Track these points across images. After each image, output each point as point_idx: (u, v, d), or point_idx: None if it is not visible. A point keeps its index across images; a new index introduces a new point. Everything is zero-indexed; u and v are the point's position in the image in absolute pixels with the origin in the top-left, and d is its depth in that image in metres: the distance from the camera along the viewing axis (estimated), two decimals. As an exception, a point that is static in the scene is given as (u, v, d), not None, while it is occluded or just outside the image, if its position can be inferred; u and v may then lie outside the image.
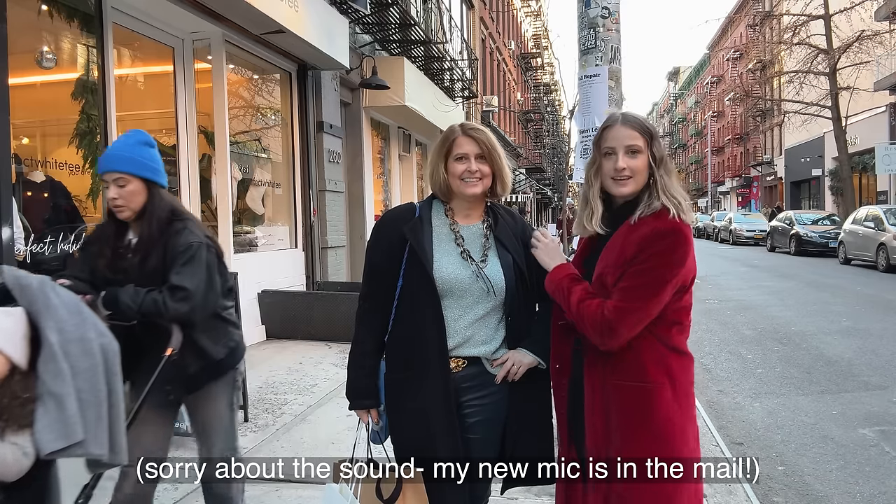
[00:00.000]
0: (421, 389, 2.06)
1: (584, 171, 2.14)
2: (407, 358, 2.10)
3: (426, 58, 12.55)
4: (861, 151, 25.51)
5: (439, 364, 2.06)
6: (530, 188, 35.02)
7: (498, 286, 2.09)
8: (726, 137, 56.84)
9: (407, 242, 2.09)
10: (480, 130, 2.14)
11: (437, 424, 2.05)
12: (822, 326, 8.69)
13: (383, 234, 2.17)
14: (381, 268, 2.14)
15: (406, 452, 2.10)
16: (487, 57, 24.38)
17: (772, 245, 24.15)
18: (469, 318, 2.09)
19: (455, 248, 2.11)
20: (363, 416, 2.20)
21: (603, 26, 3.64)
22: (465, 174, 2.09)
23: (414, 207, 2.18)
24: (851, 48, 22.91)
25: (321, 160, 8.90)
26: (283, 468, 2.49)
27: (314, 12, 7.46)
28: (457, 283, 2.06)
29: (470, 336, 2.09)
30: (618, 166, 1.97)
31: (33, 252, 4.72)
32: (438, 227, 2.14)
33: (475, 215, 2.18)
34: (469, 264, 2.09)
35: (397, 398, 2.13)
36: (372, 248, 2.19)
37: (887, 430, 4.76)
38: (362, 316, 2.19)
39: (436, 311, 2.06)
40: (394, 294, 2.11)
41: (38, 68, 5.20)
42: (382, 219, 2.25)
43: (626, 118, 2.03)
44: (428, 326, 2.06)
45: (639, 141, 1.98)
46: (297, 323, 7.38)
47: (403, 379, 2.10)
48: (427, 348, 2.06)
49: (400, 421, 2.14)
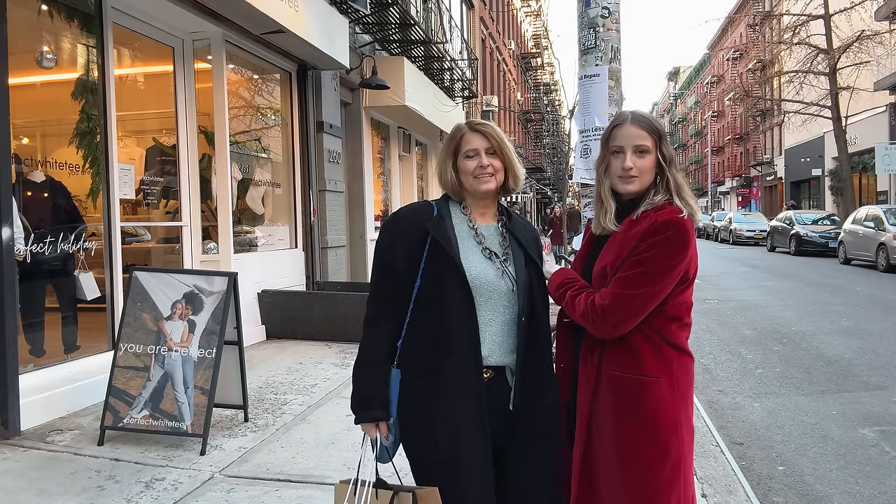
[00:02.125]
0: (454, 394, 1.90)
1: (584, 170, 2.16)
2: (434, 364, 1.92)
3: (426, 58, 12.54)
4: (861, 151, 25.53)
5: (474, 369, 1.91)
6: (530, 188, 35.00)
7: (522, 284, 1.99)
8: (726, 137, 56.84)
9: (427, 241, 1.96)
10: (487, 125, 2.06)
11: (471, 430, 1.90)
12: (822, 326, 8.69)
13: (401, 232, 2.01)
14: (398, 268, 1.98)
15: (431, 461, 1.93)
16: (487, 57, 24.38)
17: (772, 245, 24.17)
18: (499, 323, 1.97)
19: (477, 245, 2.01)
20: (370, 430, 1.98)
21: (603, 26, 3.64)
22: (477, 170, 2.01)
23: (431, 205, 2.06)
24: (851, 48, 22.93)
25: (321, 160, 8.90)
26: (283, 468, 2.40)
27: (314, 12, 7.46)
28: (486, 282, 1.95)
29: (498, 344, 1.97)
30: (625, 165, 1.98)
31: (33, 252, 4.73)
32: (458, 224, 2.03)
33: (490, 214, 2.09)
34: (493, 262, 1.99)
35: (418, 406, 1.94)
36: (386, 247, 2.02)
37: (887, 430, 4.76)
38: (373, 320, 2.02)
39: (469, 311, 1.92)
40: (410, 296, 1.96)
41: (38, 68, 5.20)
42: (398, 216, 2.08)
43: (635, 117, 2.02)
44: (460, 329, 1.91)
45: (647, 141, 1.99)
46: (297, 323, 7.38)
47: (430, 385, 1.92)
48: (457, 354, 1.90)
49: (423, 430, 1.93)
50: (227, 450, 4.03)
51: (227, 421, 4.54)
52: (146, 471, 3.68)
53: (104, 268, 5.41)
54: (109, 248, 5.43)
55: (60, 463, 3.78)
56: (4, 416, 4.10)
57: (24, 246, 4.56)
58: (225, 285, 4.23)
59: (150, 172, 6.45)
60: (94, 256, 5.32)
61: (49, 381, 4.67)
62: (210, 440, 4.04)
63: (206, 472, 3.69)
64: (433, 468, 1.92)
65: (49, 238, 4.89)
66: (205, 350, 4.12)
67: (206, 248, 6.89)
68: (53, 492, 3.40)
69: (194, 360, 4.11)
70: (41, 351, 4.99)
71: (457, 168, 2.05)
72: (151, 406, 4.06)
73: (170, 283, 4.25)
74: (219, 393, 4.19)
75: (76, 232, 5.15)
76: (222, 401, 4.40)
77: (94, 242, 5.34)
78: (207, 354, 4.12)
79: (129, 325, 4.20)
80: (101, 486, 3.48)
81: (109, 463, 3.78)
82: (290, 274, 8.27)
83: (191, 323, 4.17)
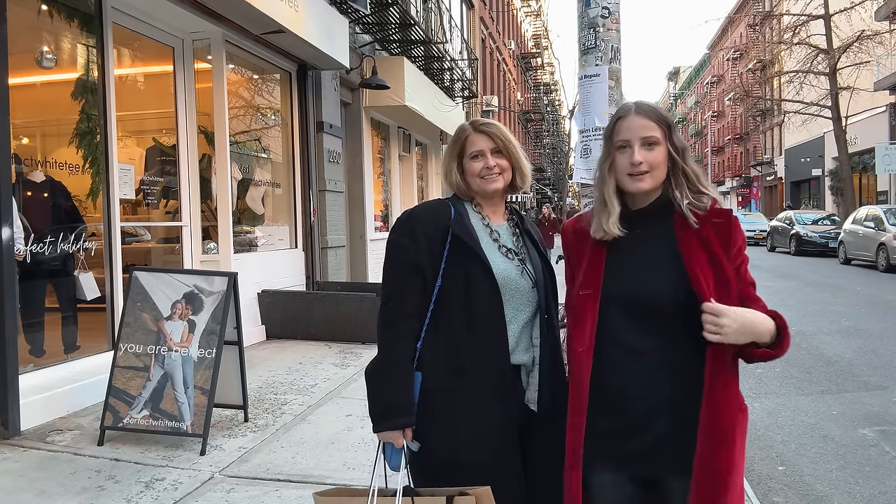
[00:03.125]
0: (483, 395, 1.87)
1: (584, 170, 2.04)
2: (461, 364, 1.88)
3: (426, 58, 12.54)
4: (861, 151, 25.53)
5: (502, 367, 1.89)
6: (530, 188, 35.03)
7: (540, 282, 1.97)
8: (726, 137, 56.84)
9: (447, 238, 1.92)
10: (492, 125, 2.03)
11: (502, 430, 1.89)
12: (822, 326, 8.69)
13: (420, 229, 1.94)
14: (418, 266, 1.92)
15: (458, 466, 1.86)
16: (487, 57, 24.38)
17: (772, 245, 24.18)
18: (520, 322, 1.95)
19: (493, 243, 1.98)
20: (396, 437, 1.87)
21: (603, 26, 3.64)
22: (483, 171, 1.98)
23: (448, 203, 2.02)
24: (851, 48, 22.93)
25: (321, 160, 8.90)
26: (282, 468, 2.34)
27: (314, 12, 7.46)
28: (510, 280, 1.92)
29: (519, 342, 1.94)
30: (634, 160, 1.75)
31: (33, 252, 4.73)
32: (475, 222, 2.00)
33: (500, 213, 2.07)
34: (512, 260, 1.97)
35: (449, 407, 1.88)
36: (404, 245, 1.94)
37: (887, 430, 4.76)
38: (392, 321, 1.92)
39: (497, 309, 1.89)
40: (429, 296, 1.91)
41: (38, 68, 5.20)
42: (414, 214, 2.01)
43: (640, 107, 1.81)
44: (488, 327, 1.88)
45: (656, 132, 1.76)
46: (297, 323, 7.38)
47: (458, 387, 1.87)
48: (486, 352, 1.88)
49: (448, 434, 1.87)
50: (227, 450, 4.03)
51: (227, 421, 4.54)
52: (146, 471, 3.68)
53: (104, 268, 5.41)
54: (109, 248, 5.43)
55: (60, 463, 3.78)
56: (4, 416, 4.10)
57: (24, 246, 4.56)
58: (225, 285, 4.23)
59: (150, 172, 6.45)
60: (94, 256, 5.32)
61: (49, 381, 4.67)
62: (210, 440, 4.04)
63: (206, 472, 3.69)
64: (459, 472, 1.83)
65: (49, 238, 4.89)
66: (205, 350, 4.12)
67: (206, 248, 6.89)
68: (53, 492, 3.40)
69: (194, 360, 4.11)
70: (41, 351, 4.99)
71: (462, 169, 2.03)
72: (151, 406, 4.06)
73: (170, 283, 4.25)
74: (219, 393, 4.19)
75: (76, 232, 5.15)
76: (222, 401, 4.40)
77: (94, 242, 5.34)
78: (207, 354, 4.12)
79: (129, 325, 4.20)
80: (101, 486, 3.48)
81: (109, 463, 3.78)
82: (290, 274, 8.27)
83: (191, 323, 4.17)
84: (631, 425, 1.74)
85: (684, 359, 1.73)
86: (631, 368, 1.74)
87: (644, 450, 1.74)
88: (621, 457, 1.76)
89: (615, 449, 1.76)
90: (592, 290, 1.79)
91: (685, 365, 1.72)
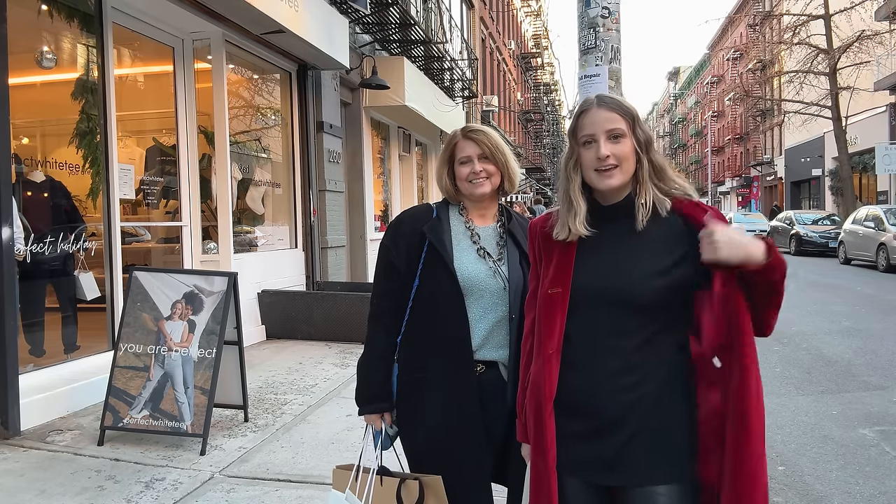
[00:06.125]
0: (445, 387, 2.02)
1: None
2: (427, 358, 2.06)
3: (426, 58, 12.54)
4: (861, 151, 25.53)
5: (465, 362, 2.02)
6: (530, 188, 35.01)
7: (514, 283, 2.06)
8: (726, 137, 56.84)
9: (425, 242, 2.08)
10: (480, 131, 2.14)
11: (464, 420, 2.01)
12: (822, 326, 8.69)
13: (401, 233, 2.14)
14: (399, 267, 2.11)
15: (426, 452, 2.06)
16: (487, 57, 24.37)
17: (772, 245, 24.15)
18: (490, 320, 2.06)
19: (472, 245, 2.11)
20: (376, 420, 2.13)
21: (603, 26, 3.64)
22: (470, 175, 2.10)
23: (431, 208, 2.19)
24: (851, 48, 22.92)
25: (321, 160, 8.90)
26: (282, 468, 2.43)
27: (314, 12, 7.46)
28: (476, 281, 2.05)
29: (489, 339, 2.06)
30: (601, 154, 1.68)
31: (33, 252, 4.73)
32: (455, 226, 2.15)
33: (489, 215, 2.18)
34: (486, 261, 2.08)
35: (416, 397, 2.07)
36: (388, 247, 2.16)
37: (887, 430, 4.76)
38: (378, 315, 2.15)
39: (460, 308, 2.03)
40: (409, 294, 2.09)
41: (38, 68, 5.20)
42: (400, 218, 2.22)
43: (601, 100, 1.75)
44: (451, 325, 2.02)
45: (620, 124, 1.70)
46: (297, 323, 7.38)
47: (423, 379, 2.05)
48: (451, 347, 2.02)
49: (414, 424, 2.08)
50: (227, 450, 4.03)
51: (227, 421, 4.54)
52: (146, 471, 3.68)
53: (104, 268, 5.41)
54: (109, 248, 5.43)
55: (60, 463, 3.78)
56: (4, 416, 4.10)
57: (24, 246, 4.56)
58: (225, 285, 4.23)
59: (150, 172, 6.45)
60: (94, 256, 5.32)
61: (49, 381, 4.67)
62: (210, 440, 4.04)
63: (206, 472, 3.69)
64: (427, 458, 2.05)
65: (49, 238, 4.89)
66: (205, 350, 4.13)
67: (206, 248, 6.89)
68: (53, 492, 3.40)
69: (194, 360, 4.11)
70: (41, 351, 4.99)
71: (453, 174, 2.16)
72: (151, 406, 4.06)
73: (170, 283, 4.25)
74: (219, 393, 4.19)
75: (76, 232, 5.15)
76: (222, 401, 4.41)
77: (94, 242, 5.34)
78: (207, 354, 4.12)
79: (129, 325, 4.20)
80: (101, 486, 3.48)
81: (109, 463, 3.78)
82: (289, 274, 8.27)
83: (191, 323, 4.17)
84: (597, 428, 1.68)
85: (657, 359, 1.68)
86: (602, 368, 1.68)
87: (611, 455, 1.68)
88: (589, 461, 1.70)
89: (583, 453, 1.70)
90: (562, 287, 1.73)
91: (659, 365, 1.67)
